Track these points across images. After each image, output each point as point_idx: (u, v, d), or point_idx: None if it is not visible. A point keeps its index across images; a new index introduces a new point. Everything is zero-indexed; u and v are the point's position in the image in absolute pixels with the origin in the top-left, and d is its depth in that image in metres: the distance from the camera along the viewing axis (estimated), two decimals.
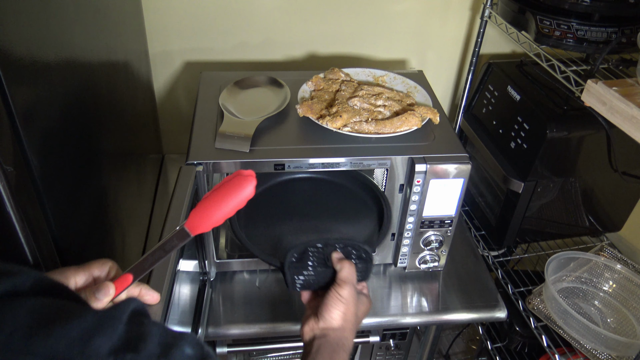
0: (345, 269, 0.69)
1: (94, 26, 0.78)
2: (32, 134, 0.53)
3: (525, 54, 1.13)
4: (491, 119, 1.21)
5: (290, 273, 0.69)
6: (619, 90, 0.78)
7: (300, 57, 1.31)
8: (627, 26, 0.96)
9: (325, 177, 0.98)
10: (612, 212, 1.26)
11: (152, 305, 0.58)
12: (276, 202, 0.94)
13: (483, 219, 1.31)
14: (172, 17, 1.20)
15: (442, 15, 1.29)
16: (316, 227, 0.87)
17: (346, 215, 0.93)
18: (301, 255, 0.70)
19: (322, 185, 0.98)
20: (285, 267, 0.69)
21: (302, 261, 0.69)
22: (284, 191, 0.96)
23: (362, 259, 0.72)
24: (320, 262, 0.70)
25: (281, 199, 0.95)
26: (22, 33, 0.52)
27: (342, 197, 0.96)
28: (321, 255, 0.70)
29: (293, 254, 0.69)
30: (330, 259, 0.70)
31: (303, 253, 0.70)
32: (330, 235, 0.85)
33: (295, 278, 0.70)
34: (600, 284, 1.20)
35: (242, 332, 0.95)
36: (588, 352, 1.05)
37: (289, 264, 0.69)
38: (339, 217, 0.92)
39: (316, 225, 0.88)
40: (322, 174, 0.98)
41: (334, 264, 0.69)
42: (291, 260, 0.69)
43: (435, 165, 0.86)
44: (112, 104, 0.86)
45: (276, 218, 0.90)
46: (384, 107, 0.96)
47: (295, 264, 0.69)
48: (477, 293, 1.04)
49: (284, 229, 0.85)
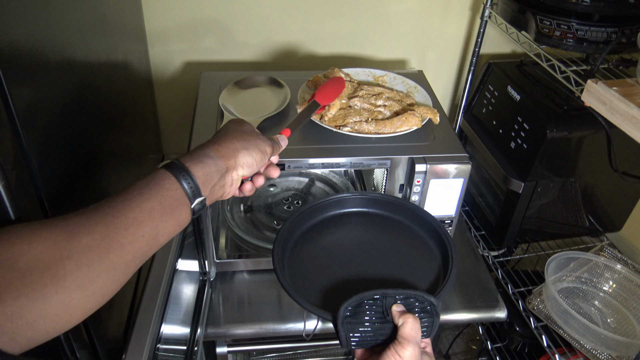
0: (408, 324, 0.58)
1: (94, 26, 0.78)
2: (32, 134, 0.53)
3: (525, 54, 1.13)
4: (491, 119, 1.21)
5: (345, 330, 0.60)
6: (619, 90, 0.78)
7: (300, 57, 1.31)
8: (627, 26, 0.96)
9: (379, 211, 0.83)
10: (612, 212, 1.26)
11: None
12: (324, 242, 0.80)
13: (483, 219, 1.31)
14: (172, 17, 1.20)
15: (442, 15, 1.29)
16: (370, 272, 0.74)
17: (404, 259, 0.77)
18: (356, 309, 0.61)
19: (374, 220, 0.83)
20: (338, 323, 0.60)
21: (357, 315, 0.60)
22: (332, 229, 0.82)
23: (427, 312, 0.62)
24: (378, 317, 0.61)
25: (329, 238, 0.82)
26: (22, 33, 0.52)
27: (398, 236, 0.80)
28: (379, 309, 0.61)
29: (347, 307, 0.60)
30: (389, 312, 0.61)
31: (358, 306, 0.61)
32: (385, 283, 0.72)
33: (351, 335, 0.61)
34: (600, 284, 1.20)
35: (242, 332, 0.96)
36: (588, 352, 1.05)
37: (343, 319, 0.60)
38: (396, 260, 0.77)
39: (370, 270, 0.74)
40: (375, 208, 0.83)
41: (394, 318, 0.60)
42: (345, 315, 0.60)
43: (435, 165, 0.86)
44: (112, 104, 0.86)
45: (324, 262, 0.76)
46: (384, 107, 0.96)
47: (350, 318, 0.60)
48: (477, 293, 1.04)
49: (334, 276, 0.72)
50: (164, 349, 0.70)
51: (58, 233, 0.44)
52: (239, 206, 1.14)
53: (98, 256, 0.45)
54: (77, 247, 0.44)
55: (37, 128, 0.55)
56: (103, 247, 0.46)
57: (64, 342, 0.61)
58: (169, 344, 0.73)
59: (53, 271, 0.42)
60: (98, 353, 0.70)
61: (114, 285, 0.48)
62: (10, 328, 0.39)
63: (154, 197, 0.50)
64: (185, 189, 0.53)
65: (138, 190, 0.50)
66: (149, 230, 0.49)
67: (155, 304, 0.64)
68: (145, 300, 0.67)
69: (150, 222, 0.49)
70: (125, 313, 0.85)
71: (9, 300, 0.39)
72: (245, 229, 1.08)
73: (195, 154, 0.57)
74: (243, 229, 1.08)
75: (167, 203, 0.51)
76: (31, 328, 0.41)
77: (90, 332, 0.67)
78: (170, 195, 0.52)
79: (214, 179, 0.57)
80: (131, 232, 0.48)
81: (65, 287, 0.43)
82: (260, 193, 1.18)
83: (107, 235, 0.46)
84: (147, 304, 0.65)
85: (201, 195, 0.55)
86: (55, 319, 0.43)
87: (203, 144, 0.60)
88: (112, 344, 0.75)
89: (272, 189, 1.20)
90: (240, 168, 0.61)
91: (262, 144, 0.64)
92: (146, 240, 0.49)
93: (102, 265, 0.45)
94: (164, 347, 0.70)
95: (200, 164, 0.56)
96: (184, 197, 0.53)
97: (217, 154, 0.58)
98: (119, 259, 0.47)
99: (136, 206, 0.49)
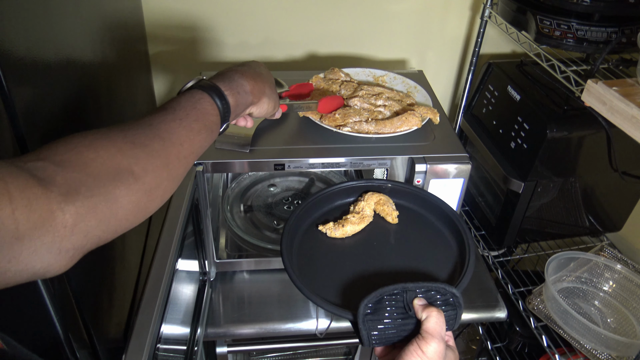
0: (432, 318, 0.55)
1: (94, 26, 0.78)
2: (32, 134, 0.53)
3: (525, 54, 1.13)
4: (491, 119, 1.21)
5: (366, 328, 0.57)
6: (619, 90, 0.78)
7: (300, 57, 1.31)
8: (627, 26, 0.96)
9: (392, 199, 0.79)
10: (612, 212, 1.26)
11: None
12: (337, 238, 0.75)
13: (483, 219, 1.31)
14: (172, 17, 1.20)
15: (442, 15, 1.29)
16: (383, 265, 0.70)
17: (418, 249, 0.73)
18: (376, 305, 0.58)
19: None
20: (359, 321, 0.57)
21: (378, 312, 0.58)
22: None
23: (449, 305, 0.59)
24: (399, 312, 0.58)
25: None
26: (22, 33, 0.52)
27: (409, 224, 0.76)
28: (400, 304, 0.58)
29: (367, 304, 0.57)
30: (411, 306, 0.58)
31: (378, 302, 0.58)
32: (401, 275, 0.68)
33: (371, 333, 0.58)
34: (600, 284, 1.20)
35: (241, 332, 0.96)
36: (588, 352, 1.05)
37: (364, 317, 0.57)
38: (409, 251, 0.73)
39: (383, 262, 0.70)
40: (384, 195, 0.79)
41: (416, 312, 0.57)
42: (366, 313, 0.57)
43: (435, 165, 0.86)
44: (112, 104, 0.86)
45: (334, 255, 0.72)
46: (384, 107, 0.96)
47: (371, 316, 0.58)
48: (477, 293, 1.04)
49: (346, 270, 0.68)
50: (164, 349, 0.70)
51: (120, 142, 0.47)
52: (239, 206, 1.15)
53: (161, 164, 0.50)
54: (142, 155, 0.48)
55: (37, 128, 0.55)
56: (163, 157, 0.50)
57: (64, 342, 0.61)
58: (169, 344, 0.73)
59: (123, 175, 0.46)
60: (98, 353, 0.70)
61: (170, 191, 0.53)
62: (84, 227, 0.42)
63: (200, 119, 0.56)
64: (221, 114, 0.60)
65: (185, 111, 0.56)
66: (197, 147, 0.56)
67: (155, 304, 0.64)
68: (145, 300, 0.67)
69: (198, 140, 0.56)
70: (125, 313, 0.85)
71: (81, 200, 0.42)
72: (245, 229, 1.08)
73: (234, 82, 0.63)
74: (243, 229, 1.08)
75: (209, 125, 0.58)
76: (102, 226, 0.44)
77: (90, 332, 0.67)
78: (212, 120, 0.58)
79: (239, 110, 0.64)
80: (185, 147, 0.54)
81: (134, 190, 0.47)
82: (260, 193, 1.18)
83: (165, 148, 0.51)
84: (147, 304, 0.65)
85: (228, 121, 0.62)
86: (122, 218, 0.46)
87: (238, 69, 0.66)
88: (112, 344, 0.75)
89: (272, 189, 1.20)
90: (256, 109, 0.68)
91: (276, 99, 0.72)
92: (194, 156, 0.56)
93: (164, 173, 0.50)
94: (164, 347, 0.70)
95: (236, 94, 0.62)
96: (219, 120, 0.60)
97: (251, 90, 0.65)
98: (177, 170, 0.53)
99: (187, 125, 0.54)
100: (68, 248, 0.41)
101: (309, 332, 0.98)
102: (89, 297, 0.68)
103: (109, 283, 0.77)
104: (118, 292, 0.82)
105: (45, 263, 0.40)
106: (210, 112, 0.58)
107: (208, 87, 0.60)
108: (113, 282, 0.79)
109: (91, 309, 0.68)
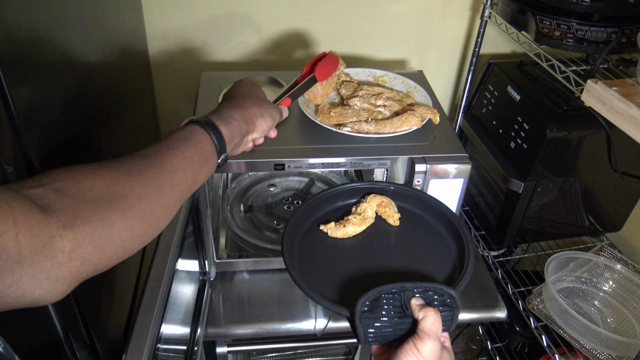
0: (429, 318, 0.56)
1: (94, 26, 0.78)
2: (32, 134, 0.53)
3: (525, 54, 1.13)
4: (491, 119, 1.21)
5: (363, 325, 0.58)
6: (619, 90, 0.78)
7: (300, 57, 1.31)
8: (627, 26, 0.96)
9: (394, 202, 0.80)
10: (612, 212, 1.26)
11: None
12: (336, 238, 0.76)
13: (483, 219, 1.31)
14: (172, 17, 1.20)
15: (442, 15, 1.29)
16: (382, 265, 0.71)
17: (417, 250, 0.74)
18: (373, 303, 0.59)
19: None
20: (356, 318, 0.58)
21: (375, 310, 0.58)
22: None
23: (446, 306, 0.59)
24: (396, 311, 0.59)
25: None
26: (22, 33, 0.52)
27: (409, 226, 0.77)
28: (397, 303, 0.59)
29: (365, 302, 0.58)
30: (408, 306, 0.59)
31: (376, 301, 0.59)
32: (399, 275, 0.69)
33: (368, 331, 0.59)
34: (600, 284, 1.20)
35: (242, 332, 0.96)
36: (588, 352, 1.05)
37: (361, 315, 0.58)
38: (409, 252, 0.73)
39: (382, 263, 0.71)
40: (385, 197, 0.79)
41: (413, 312, 0.58)
42: (363, 310, 0.58)
43: (435, 165, 0.86)
44: (112, 104, 0.86)
45: (335, 255, 0.73)
46: (384, 107, 0.96)
47: (368, 314, 0.58)
48: (477, 293, 1.04)
49: (346, 269, 0.69)
50: (164, 349, 0.70)
51: (116, 172, 0.49)
52: (239, 206, 1.15)
53: (155, 192, 0.51)
54: (136, 183, 0.50)
55: (37, 128, 0.55)
56: (157, 185, 0.52)
57: (64, 342, 0.61)
58: (169, 344, 0.73)
59: (119, 202, 0.47)
60: (98, 353, 0.70)
61: (165, 220, 0.54)
62: (80, 253, 0.43)
63: (192, 148, 0.57)
64: (215, 144, 0.60)
65: (177, 141, 0.57)
66: (191, 176, 0.57)
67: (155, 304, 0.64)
68: (145, 300, 0.67)
69: (191, 168, 0.56)
70: (125, 313, 0.85)
71: (79, 226, 0.43)
72: (245, 229, 1.08)
73: (223, 114, 0.64)
74: (243, 229, 1.08)
75: (203, 154, 0.59)
76: (98, 253, 0.45)
77: (90, 332, 0.67)
78: (205, 149, 0.59)
79: (235, 139, 0.65)
80: (179, 175, 0.55)
81: (129, 216, 0.48)
82: (260, 193, 1.18)
83: (158, 176, 0.52)
84: (147, 304, 0.65)
85: (225, 152, 0.62)
86: (118, 245, 0.47)
87: (227, 104, 0.67)
88: (112, 344, 0.75)
89: (272, 189, 1.20)
90: (256, 132, 0.69)
91: (273, 112, 0.72)
92: (188, 185, 0.56)
93: (158, 201, 0.52)
94: (164, 347, 0.70)
95: (228, 125, 0.63)
96: (214, 151, 0.60)
97: (241, 118, 0.66)
98: (170, 197, 0.54)
99: (180, 154, 0.56)
100: (65, 275, 0.42)
101: (308, 332, 0.98)
102: (89, 297, 0.68)
103: (109, 283, 0.77)
104: (118, 292, 0.82)
105: (44, 289, 0.41)
106: (203, 141, 0.59)
107: (198, 120, 0.61)
108: (113, 282, 0.79)
109: (91, 309, 0.68)
